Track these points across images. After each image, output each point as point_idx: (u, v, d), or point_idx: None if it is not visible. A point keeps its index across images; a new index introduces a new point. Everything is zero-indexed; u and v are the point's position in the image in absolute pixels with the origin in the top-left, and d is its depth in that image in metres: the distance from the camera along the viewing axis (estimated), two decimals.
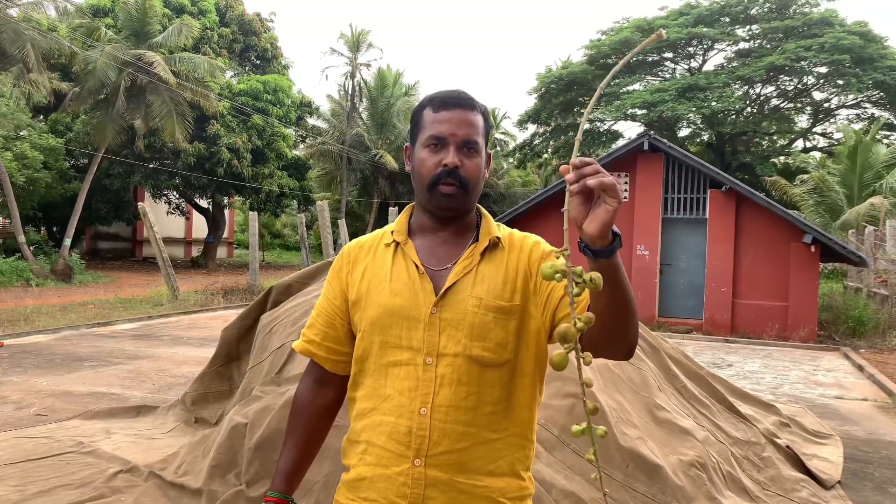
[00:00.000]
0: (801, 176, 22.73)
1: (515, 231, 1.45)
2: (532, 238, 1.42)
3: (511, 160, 36.79)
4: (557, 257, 1.06)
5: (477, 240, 1.40)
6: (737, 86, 26.66)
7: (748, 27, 27.45)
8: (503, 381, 1.33)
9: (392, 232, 1.43)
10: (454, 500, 1.29)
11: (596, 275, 1.05)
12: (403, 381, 1.32)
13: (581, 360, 1.05)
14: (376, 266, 1.41)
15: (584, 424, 1.07)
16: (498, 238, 1.40)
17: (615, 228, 1.09)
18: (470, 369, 1.30)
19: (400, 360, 1.33)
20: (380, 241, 1.45)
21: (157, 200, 27.59)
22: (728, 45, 27.92)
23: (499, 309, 1.33)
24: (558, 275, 1.05)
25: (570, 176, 1.07)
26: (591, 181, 1.05)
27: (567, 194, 1.09)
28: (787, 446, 4.49)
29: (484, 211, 1.46)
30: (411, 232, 1.43)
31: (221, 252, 32.46)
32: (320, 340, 1.46)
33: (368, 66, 32.61)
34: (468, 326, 1.31)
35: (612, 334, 1.19)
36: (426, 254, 1.39)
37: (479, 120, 1.39)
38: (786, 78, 27.18)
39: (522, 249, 1.39)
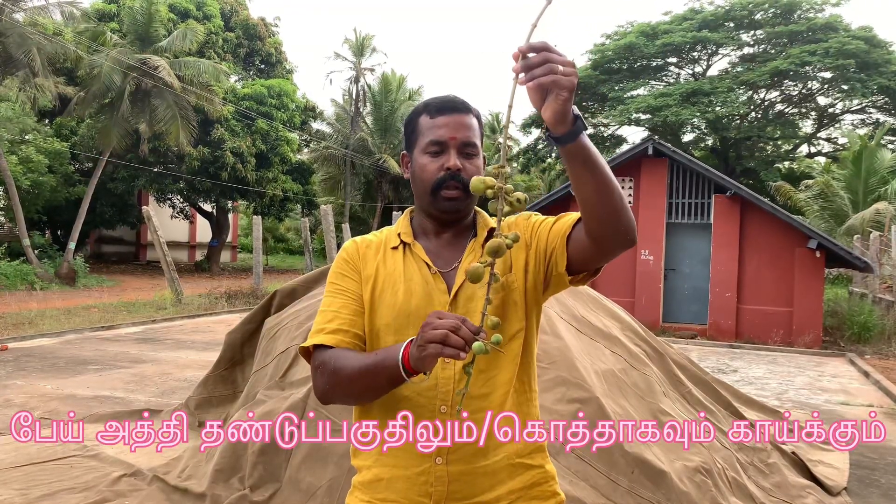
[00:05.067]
0: (805, 181, 22.69)
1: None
2: (514, 215, 1.46)
3: (515, 165, 36.80)
4: (496, 176, 1.11)
5: (476, 235, 1.42)
6: (741, 91, 26.64)
7: (753, 32, 27.45)
8: (516, 351, 1.36)
9: (399, 234, 1.43)
10: (477, 485, 1.32)
11: (522, 195, 1.09)
12: (421, 381, 1.31)
13: (493, 268, 1.14)
14: (388, 267, 1.40)
15: (486, 342, 1.10)
16: (493, 228, 1.42)
17: (576, 111, 1.10)
18: (488, 356, 1.30)
19: None
20: (384, 242, 1.45)
21: (162, 204, 27.64)
22: (732, 49, 27.93)
23: (504, 286, 1.36)
24: (490, 190, 1.09)
25: (517, 66, 1.06)
26: (531, 84, 1.05)
27: (512, 84, 1.08)
28: (793, 452, 4.46)
29: (476, 207, 1.48)
30: (414, 235, 1.44)
31: (225, 256, 32.50)
32: (348, 328, 1.36)
33: (372, 70, 32.63)
34: (482, 316, 1.31)
35: (607, 220, 1.20)
36: (432, 256, 1.40)
37: (475, 123, 1.41)
38: (790, 83, 27.18)
39: (510, 227, 1.43)
